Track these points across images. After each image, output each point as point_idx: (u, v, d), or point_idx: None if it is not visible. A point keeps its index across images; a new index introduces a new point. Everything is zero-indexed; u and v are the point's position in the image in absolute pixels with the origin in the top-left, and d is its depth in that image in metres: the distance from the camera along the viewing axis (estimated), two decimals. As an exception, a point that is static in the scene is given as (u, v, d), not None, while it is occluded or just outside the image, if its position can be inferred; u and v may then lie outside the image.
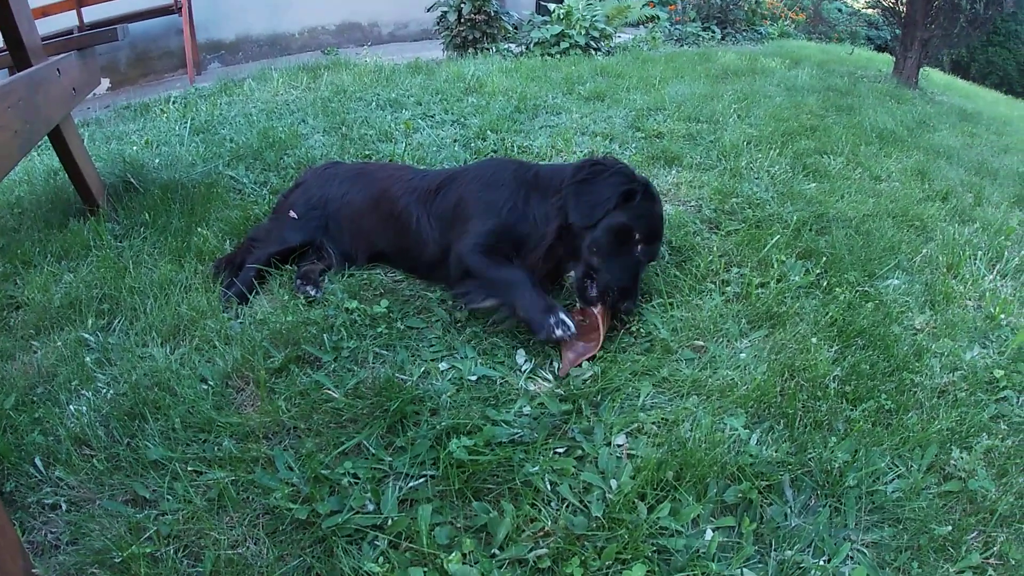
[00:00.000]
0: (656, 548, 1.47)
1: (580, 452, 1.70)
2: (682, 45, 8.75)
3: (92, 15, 6.88)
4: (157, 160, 3.49)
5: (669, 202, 3.03)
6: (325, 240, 2.51)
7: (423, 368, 1.98)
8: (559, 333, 1.95)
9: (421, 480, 1.62)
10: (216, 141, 3.78)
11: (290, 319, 2.12)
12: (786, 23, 11.30)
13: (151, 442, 1.70)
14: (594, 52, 7.00)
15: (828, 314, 2.23)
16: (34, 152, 3.74)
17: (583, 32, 6.99)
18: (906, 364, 2.08)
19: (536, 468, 1.63)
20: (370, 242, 2.49)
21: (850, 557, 1.52)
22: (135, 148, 3.73)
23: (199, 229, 2.67)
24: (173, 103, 4.87)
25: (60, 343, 2.09)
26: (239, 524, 1.50)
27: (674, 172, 3.35)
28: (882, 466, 1.71)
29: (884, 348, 2.13)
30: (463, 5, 7.05)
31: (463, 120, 4.10)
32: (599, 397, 1.88)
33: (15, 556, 1.32)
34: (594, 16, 7.18)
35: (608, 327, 2.11)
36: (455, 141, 3.72)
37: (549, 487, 1.60)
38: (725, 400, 1.87)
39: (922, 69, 6.89)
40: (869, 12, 10.81)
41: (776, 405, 1.86)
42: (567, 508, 1.56)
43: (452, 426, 1.73)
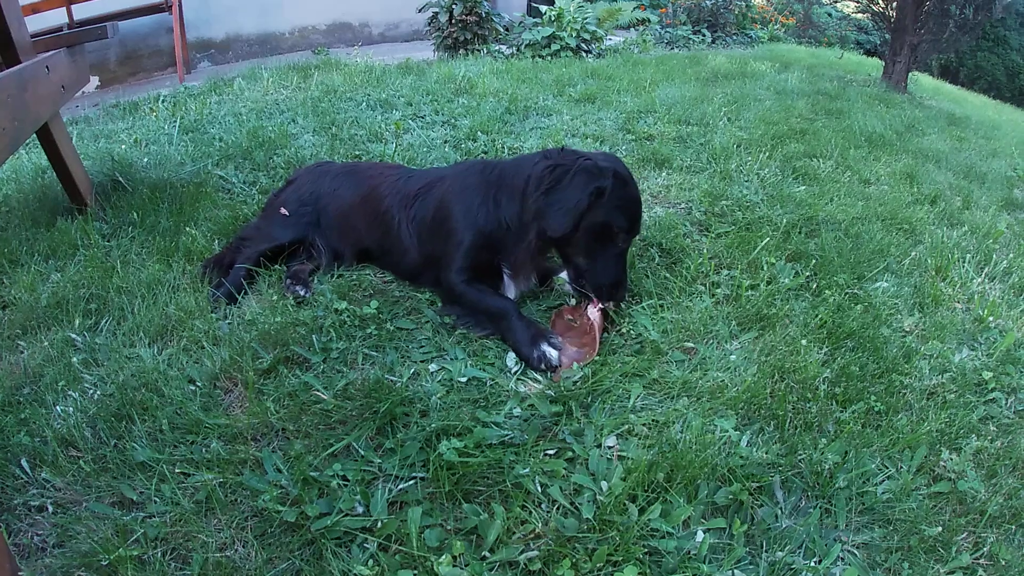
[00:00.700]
0: (647, 550, 1.46)
1: (571, 454, 1.70)
2: (672, 48, 8.79)
3: (82, 12, 6.83)
4: (146, 159, 3.47)
5: (659, 204, 3.04)
6: (316, 237, 2.50)
7: (413, 369, 1.97)
8: (542, 367, 1.98)
9: (411, 482, 1.61)
10: (205, 140, 3.76)
11: (279, 320, 2.10)
12: (776, 27, 11.37)
13: (138, 444, 1.68)
14: (585, 54, 7.02)
15: (818, 316, 2.24)
16: (22, 150, 3.71)
17: (574, 34, 7.02)
18: (895, 366, 2.09)
19: (526, 470, 1.62)
20: (357, 239, 2.49)
21: (841, 558, 1.52)
22: (124, 147, 3.70)
23: (188, 229, 2.65)
24: (162, 102, 4.84)
25: (47, 343, 2.06)
26: (227, 526, 1.49)
27: (664, 174, 3.36)
28: (872, 467, 1.72)
29: (873, 350, 2.13)
30: (454, 6, 7.06)
31: (453, 121, 4.10)
32: (589, 399, 1.88)
33: (1, 559, 1.30)
34: (585, 18, 7.21)
35: (603, 329, 2.11)
36: (445, 142, 3.71)
37: (540, 489, 1.59)
38: (715, 402, 1.87)
39: (911, 73, 6.95)
40: (859, 17, 10.88)
41: (766, 407, 1.86)
42: (558, 510, 1.55)
43: (442, 428, 1.72)
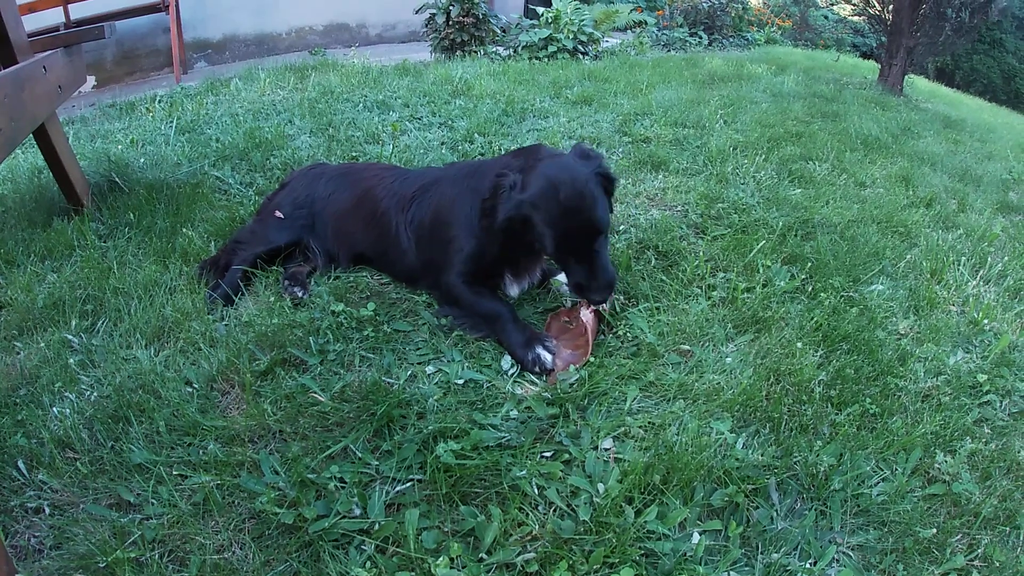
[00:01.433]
0: (643, 551, 1.47)
1: (567, 456, 1.70)
2: (669, 50, 8.80)
3: (79, 12, 6.82)
4: (142, 159, 3.46)
5: (656, 206, 3.04)
6: (311, 240, 2.50)
7: (410, 371, 1.97)
8: (536, 370, 1.99)
9: (408, 484, 1.61)
10: (202, 141, 3.75)
11: (276, 321, 2.10)
12: (773, 29, 11.40)
13: (135, 445, 1.68)
14: (582, 56, 7.03)
15: (813, 319, 2.25)
16: (18, 150, 3.70)
17: (571, 36, 7.02)
18: (890, 369, 2.10)
19: (523, 472, 1.62)
20: (352, 243, 2.49)
21: (836, 560, 1.53)
22: (120, 147, 3.70)
23: (184, 230, 2.64)
24: (159, 102, 4.83)
25: (43, 344, 2.06)
26: (224, 529, 1.49)
27: (660, 177, 3.37)
28: (867, 469, 1.73)
29: (869, 353, 2.14)
30: (452, 7, 7.06)
31: (450, 123, 4.10)
32: (586, 401, 1.88)
33: (-3, 560, 1.31)
34: (582, 20, 7.22)
35: (596, 332, 2.12)
36: (442, 144, 3.71)
37: (536, 491, 1.60)
38: (711, 404, 1.87)
39: (907, 76, 6.97)
40: (855, 19, 10.91)
41: (762, 409, 1.87)
42: (554, 512, 1.55)
43: (439, 430, 1.72)
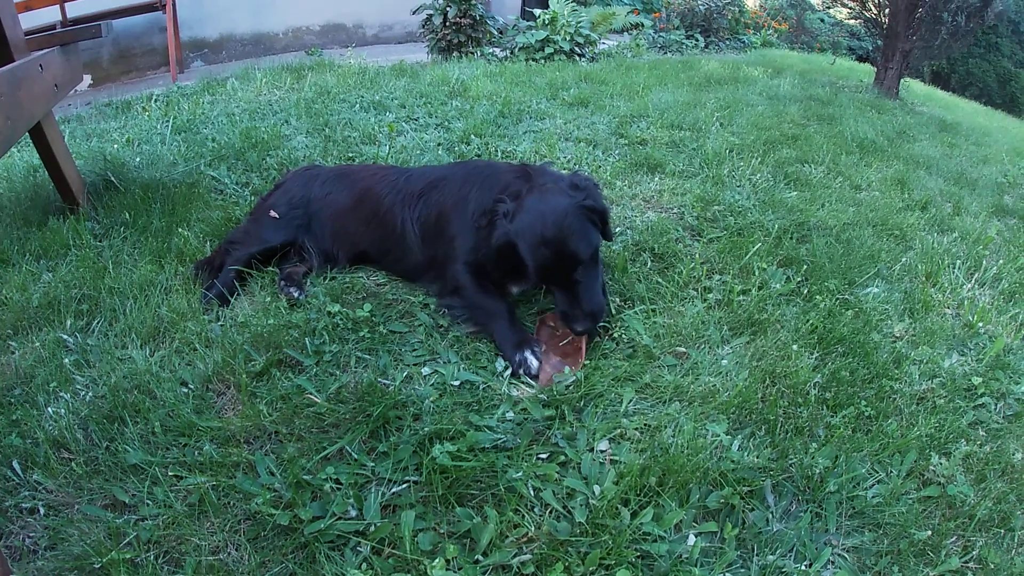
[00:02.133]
0: (639, 553, 1.47)
1: (563, 458, 1.70)
2: (666, 53, 8.82)
3: (75, 10, 6.82)
4: (138, 159, 3.45)
5: (652, 209, 3.05)
6: (307, 240, 2.50)
7: (406, 373, 1.97)
8: (521, 372, 1.99)
9: (404, 486, 1.61)
10: (198, 141, 3.74)
11: (271, 322, 2.10)
12: (769, 32, 11.43)
13: (131, 446, 1.68)
14: (579, 58, 7.04)
15: (809, 321, 2.25)
16: (14, 148, 3.68)
17: (568, 38, 7.03)
18: (885, 371, 2.11)
19: (519, 474, 1.62)
20: (353, 242, 2.48)
21: (831, 562, 1.53)
22: (116, 146, 3.69)
23: (180, 230, 2.64)
24: (155, 101, 4.82)
25: (38, 344, 2.06)
26: (220, 530, 1.49)
27: (657, 179, 3.37)
28: (862, 472, 1.73)
29: (864, 355, 2.15)
30: (448, 8, 7.06)
31: (447, 124, 4.10)
32: (582, 403, 1.88)
33: (-9, 561, 1.30)
34: (579, 22, 7.23)
35: (589, 344, 2.11)
36: (439, 145, 3.71)
37: (532, 493, 1.60)
38: (707, 406, 1.88)
39: (903, 80, 6.99)
40: (851, 23, 10.94)
41: (757, 411, 1.87)
42: (550, 514, 1.56)
43: (435, 431, 1.72)
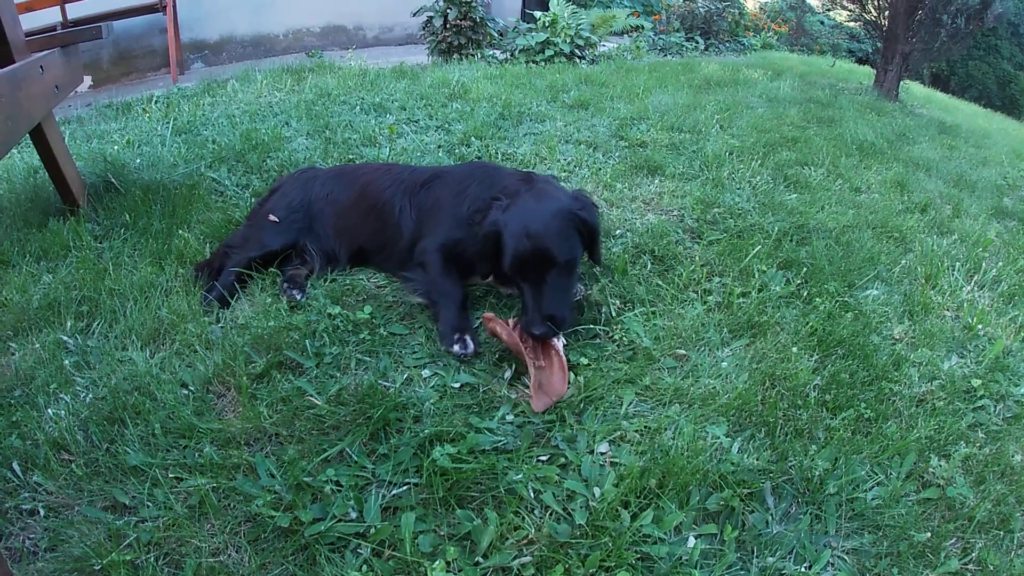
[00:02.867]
0: (639, 555, 1.47)
1: (563, 460, 1.70)
2: (666, 55, 8.83)
3: (76, 12, 6.83)
4: (138, 160, 3.46)
5: (652, 211, 3.05)
6: (308, 242, 2.50)
7: (406, 375, 1.97)
8: (455, 349, 2.02)
9: (404, 488, 1.61)
10: (198, 142, 3.75)
11: (272, 324, 2.10)
12: (769, 34, 11.44)
13: (131, 448, 1.68)
14: (579, 60, 7.05)
15: (808, 324, 2.26)
16: (14, 149, 3.69)
17: (568, 40, 7.04)
18: (885, 373, 2.11)
19: (520, 476, 1.62)
20: (352, 238, 2.50)
21: (831, 564, 1.53)
22: (116, 148, 3.69)
23: (180, 231, 2.64)
24: (155, 103, 4.83)
25: (38, 345, 2.06)
26: (220, 532, 1.49)
27: (657, 181, 3.38)
28: (862, 474, 1.73)
29: (863, 357, 2.15)
30: (449, 10, 7.06)
31: (447, 126, 4.10)
32: (582, 405, 1.88)
33: (-9, 563, 1.30)
34: (579, 24, 7.23)
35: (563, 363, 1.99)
36: (439, 147, 3.72)
37: (532, 495, 1.60)
38: (707, 408, 1.88)
39: (902, 82, 7.01)
40: (851, 25, 10.96)
41: (757, 413, 1.87)
42: (551, 516, 1.56)
43: (435, 433, 1.72)
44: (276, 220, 2.50)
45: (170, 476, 1.61)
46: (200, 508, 1.53)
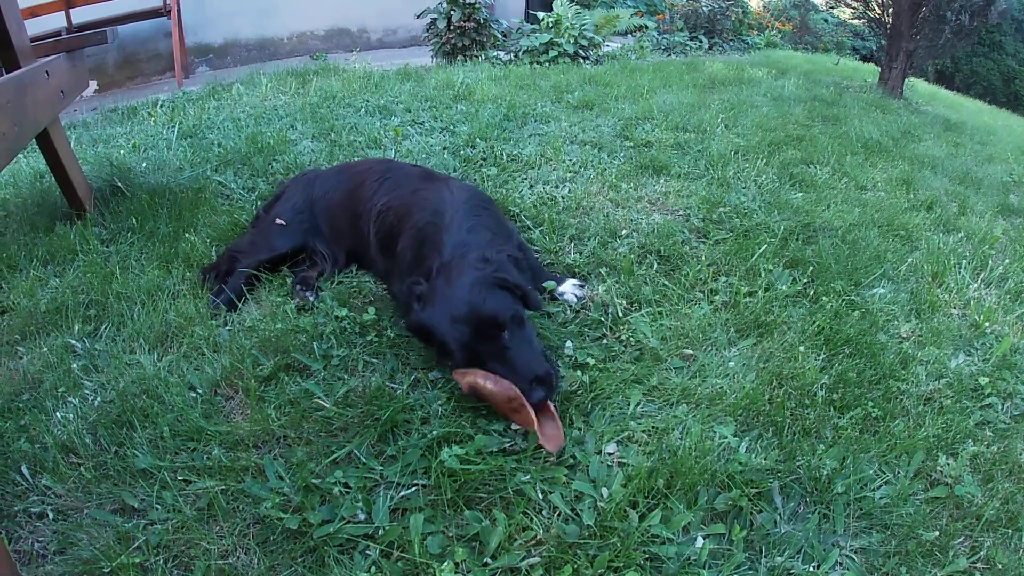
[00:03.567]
0: (648, 556, 1.47)
1: (571, 461, 1.70)
2: (670, 54, 8.81)
3: (81, 16, 6.84)
4: (144, 164, 3.47)
5: (657, 211, 3.05)
6: (316, 242, 2.51)
7: (413, 376, 1.97)
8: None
9: (412, 489, 1.61)
10: (204, 146, 3.76)
11: (279, 327, 2.11)
12: (773, 33, 11.41)
13: (139, 451, 1.68)
14: (583, 61, 7.04)
15: (815, 323, 2.25)
16: (21, 154, 3.70)
17: (572, 41, 7.03)
18: (892, 372, 2.10)
19: (527, 477, 1.63)
20: (344, 239, 2.51)
21: (839, 563, 1.53)
22: (122, 152, 3.71)
23: (187, 235, 2.65)
24: (161, 107, 4.84)
25: (46, 349, 2.07)
26: (229, 534, 1.49)
27: (662, 181, 3.37)
28: (870, 473, 1.73)
29: (870, 356, 2.15)
30: (453, 12, 7.06)
31: (452, 127, 4.10)
32: (589, 406, 1.88)
33: (1, 565, 1.30)
34: (583, 25, 7.22)
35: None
36: (444, 148, 3.72)
37: (541, 496, 1.60)
38: (714, 408, 1.88)
39: (907, 79, 6.98)
40: (855, 23, 10.94)
41: (765, 413, 1.87)
42: (559, 517, 1.56)
43: (443, 435, 1.72)
44: (283, 223, 2.51)
45: (179, 479, 1.62)
46: (209, 510, 1.54)
